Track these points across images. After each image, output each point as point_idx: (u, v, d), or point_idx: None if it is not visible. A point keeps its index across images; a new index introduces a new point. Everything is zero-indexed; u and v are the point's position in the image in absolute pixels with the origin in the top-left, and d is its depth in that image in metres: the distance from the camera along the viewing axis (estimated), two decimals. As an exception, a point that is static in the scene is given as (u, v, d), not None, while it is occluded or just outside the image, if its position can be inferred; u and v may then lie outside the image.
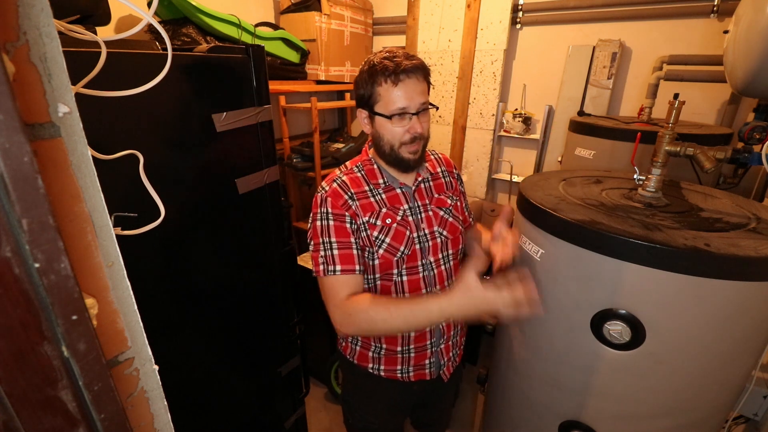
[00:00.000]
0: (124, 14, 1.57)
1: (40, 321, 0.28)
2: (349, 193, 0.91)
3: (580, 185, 1.07)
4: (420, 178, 0.97)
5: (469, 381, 2.02)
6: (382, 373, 1.04)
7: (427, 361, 1.03)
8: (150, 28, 1.27)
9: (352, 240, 0.88)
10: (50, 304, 0.28)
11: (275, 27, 2.07)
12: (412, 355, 1.01)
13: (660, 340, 0.77)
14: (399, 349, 1.00)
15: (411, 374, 1.04)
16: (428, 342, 1.00)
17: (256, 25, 1.87)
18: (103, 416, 0.33)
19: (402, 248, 0.92)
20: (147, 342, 0.41)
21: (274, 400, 1.32)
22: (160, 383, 0.43)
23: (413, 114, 0.85)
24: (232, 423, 1.23)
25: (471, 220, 1.14)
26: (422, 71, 0.85)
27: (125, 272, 0.37)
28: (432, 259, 0.96)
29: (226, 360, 1.16)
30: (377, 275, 0.94)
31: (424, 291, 0.96)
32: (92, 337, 0.31)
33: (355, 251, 0.89)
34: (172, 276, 0.96)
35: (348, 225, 0.88)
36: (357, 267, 0.88)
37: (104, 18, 1.05)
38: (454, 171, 1.08)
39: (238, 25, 1.68)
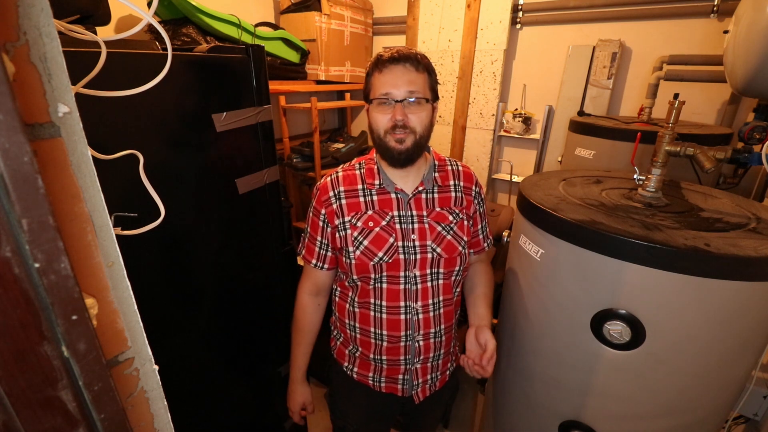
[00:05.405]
0: (124, 14, 1.57)
1: (40, 321, 0.28)
2: (335, 191, 0.92)
3: (580, 185, 1.07)
4: (421, 188, 0.92)
5: (469, 381, 2.02)
6: (355, 375, 1.03)
7: (400, 377, 0.99)
8: (150, 28, 1.27)
9: (318, 237, 0.95)
10: (50, 304, 0.28)
11: (275, 27, 2.07)
12: (385, 366, 0.98)
13: (660, 340, 0.77)
14: (371, 356, 0.98)
15: (382, 384, 1.01)
16: (401, 357, 0.96)
17: (256, 25, 1.87)
18: (103, 416, 0.33)
19: (381, 254, 0.89)
20: (147, 342, 0.41)
21: (273, 400, 1.32)
22: (160, 383, 0.43)
23: (398, 101, 0.81)
24: (231, 423, 1.23)
25: (485, 245, 1.04)
26: (412, 60, 0.81)
27: (125, 272, 0.37)
28: (417, 273, 0.91)
29: (226, 360, 1.16)
30: (355, 276, 0.92)
31: (402, 304, 0.92)
32: (92, 337, 0.31)
33: (317, 247, 0.96)
34: (172, 276, 0.96)
35: (320, 222, 0.94)
36: (314, 261, 0.97)
37: (104, 18, 1.05)
38: (474, 188, 0.99)
39: (238, 25, 1.68)
